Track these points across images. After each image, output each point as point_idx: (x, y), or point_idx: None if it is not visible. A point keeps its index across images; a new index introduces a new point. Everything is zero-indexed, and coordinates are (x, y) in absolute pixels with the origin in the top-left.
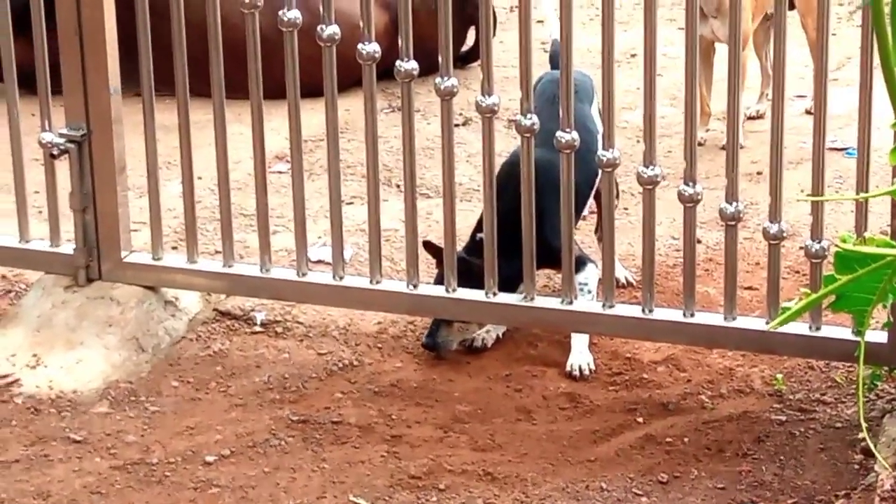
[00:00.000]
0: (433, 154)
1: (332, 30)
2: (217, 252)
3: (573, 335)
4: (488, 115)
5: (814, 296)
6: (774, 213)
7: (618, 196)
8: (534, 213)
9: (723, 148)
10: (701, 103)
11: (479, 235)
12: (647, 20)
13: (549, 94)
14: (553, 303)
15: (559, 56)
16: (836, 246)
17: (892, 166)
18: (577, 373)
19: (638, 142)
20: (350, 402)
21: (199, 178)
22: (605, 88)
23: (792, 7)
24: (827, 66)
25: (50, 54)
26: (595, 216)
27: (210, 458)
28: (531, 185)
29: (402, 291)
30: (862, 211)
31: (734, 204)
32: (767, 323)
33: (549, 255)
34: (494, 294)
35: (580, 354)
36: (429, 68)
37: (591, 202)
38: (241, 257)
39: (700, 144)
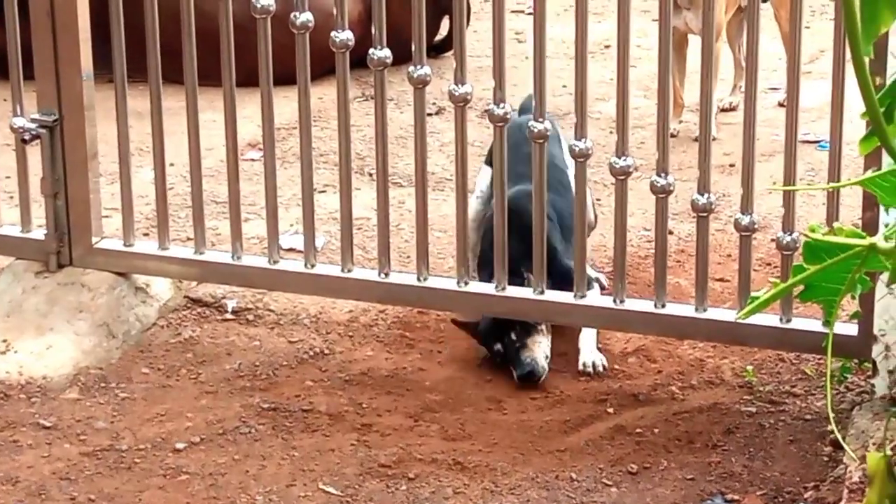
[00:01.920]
0: (406, 143)
1: (306, 17)
2: (189, 239)
3: (582, 334)
4: (461, 104)
5: (782, 285)
6: (746, 205)
7: (595, 222)
8: (544, 202)
9: (695, 139)
10: (674, 95)
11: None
12: (621, 11)
13: (515, 139)
14: (525, 293)
15: (529, 104)
16: (806, 236)
17: (862, 157)
18: (591, 370)
19: (611, 133)
20: (320, 390)
21: (172, 164)
22: (579, 79)
23: (765, 0)
24: (800, 59)
25: (22, 39)
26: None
27: (180, 445)
28: (503, 177)
29: (373, 280)
30: (833, 202)
31: (706, 195)
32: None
33: (564, 279)
34: (466, 283)
35: (591, 353)
36: (402, 57)
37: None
38: (213, 244)
39: (673, 136)
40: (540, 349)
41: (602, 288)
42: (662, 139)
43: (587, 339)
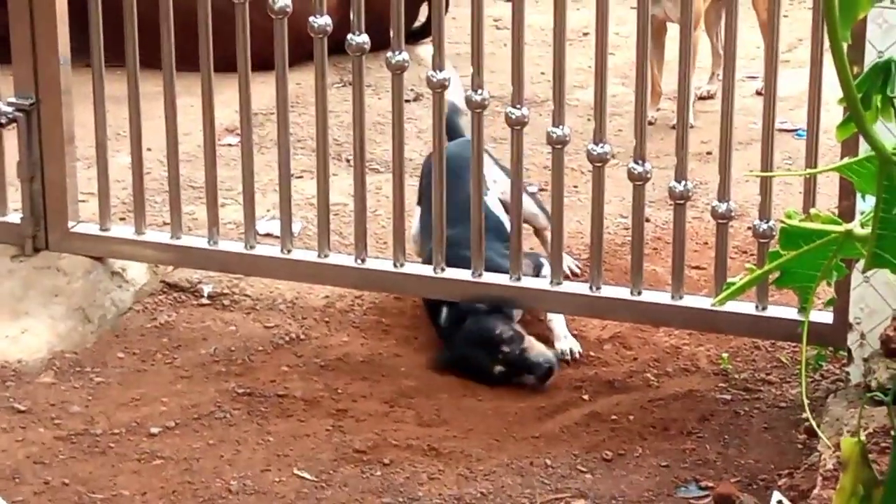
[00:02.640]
0: (383, 129)
1: (284, 2)
2: (165, 224)
3: (553, 321)
4: (439, 90)
5: (759, 271)
6: (723, 193)
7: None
8: (482, 191)
9: (673, 127)
10: (652, 83)
11: None
12: None
13: (452, 169)
14: (502, 279)
15: (455, 121)
16: (782, 222)
17: (839, 147)
18: (567, 356)
19: (588, 120)
20: (296, 375)
21: (149, 149)
22: (557, 66)
23: None
24: (778, 48)
25: None
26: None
27: (154, 430)
28: (480, 159)
29: (349, 266)
30: (810, 191)
31: (683, 183)
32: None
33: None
34: (443, 270)
35: (566, 339)
36: (381, 43)
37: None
38: (190, 229)
39: (650, 123)
40: (537, 343)
41: (574, 274)
42: (640, 127)
43: (559, 326)
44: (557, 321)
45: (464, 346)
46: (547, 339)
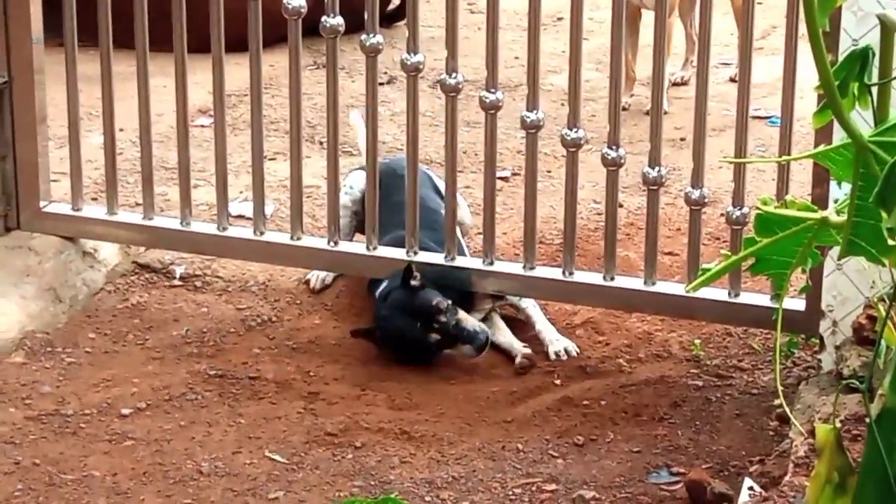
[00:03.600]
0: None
1: None
2: (137, 204)
3: (538, 325)
4: (413, 73)
5: (734, 257)
6: (696, 179)
7: (468, 225)
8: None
9: (647, 113)
10: (626, 68)
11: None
12: None
13: (387, 187)
14: (474, 263)
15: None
16: (757, 208)
17: (814, 131)
18: (564, 356)
19: (562, 105)
20: (268, 357)
21: (121, 129)
22: (531, 51)
23: None
24: (752, 35)
25: None
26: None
27: (125, 411)
28: (455, 147)
29: (322, 248)
30: (783, 178)
31: (657, 169)
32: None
33: None
34: (415, 253)
35: (558, 340)
36: (355, 26)
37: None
38: (162, 210)
39: (624, 109)
40: (471, 318)
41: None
42: (614, 112)
43: (546, 328)
44: (541, 322)
45: (399, 317)
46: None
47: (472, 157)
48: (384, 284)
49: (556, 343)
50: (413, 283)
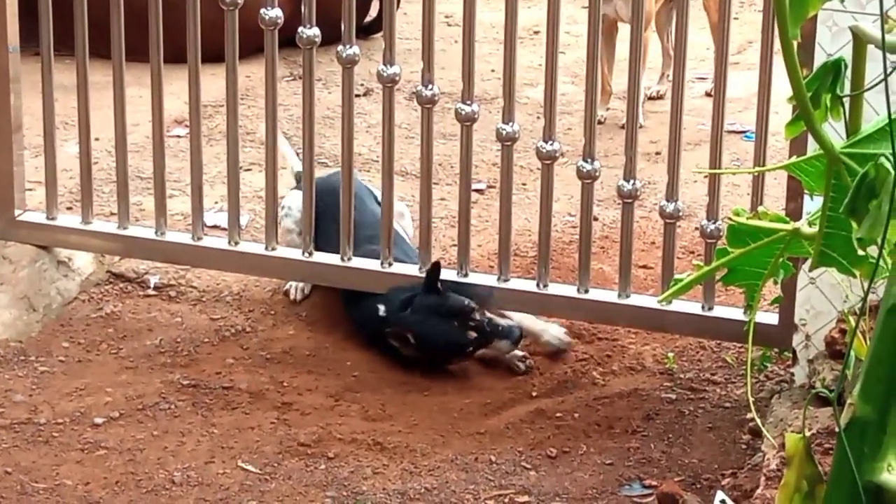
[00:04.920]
0: (333, 123)
1: None
2: (112, 214)
3: (527, 321)
4: (389, 84)
5: (706, 268)
6: (671, 193)
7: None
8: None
9: (622, 127)
10: (602, 82)
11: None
12: None
13: (328, 203)
14: (449, 275)
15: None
16: (730, 219)
17: (788, 145)
18: (565, 340)
19: (538, 118)
20: (241, 367)
21: (97, 139)
22: (507, 64)
23: None
24: (728, 49)
25: None
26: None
27: (99, 420)
28: (430, 159)
29: (296, 258)
30: (757, 192)
31: (632, 182)
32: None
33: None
34: (390, 265)
35: (551, 326)
36: (331, 37)
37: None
38: (137, 220)
39: (600, 122)
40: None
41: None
42: (589, 125)
43: (534, 321)
44: (524, 317)
45: (431, 319)
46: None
47: (448, 169)
48: (399, 293)
49: (551, 329)
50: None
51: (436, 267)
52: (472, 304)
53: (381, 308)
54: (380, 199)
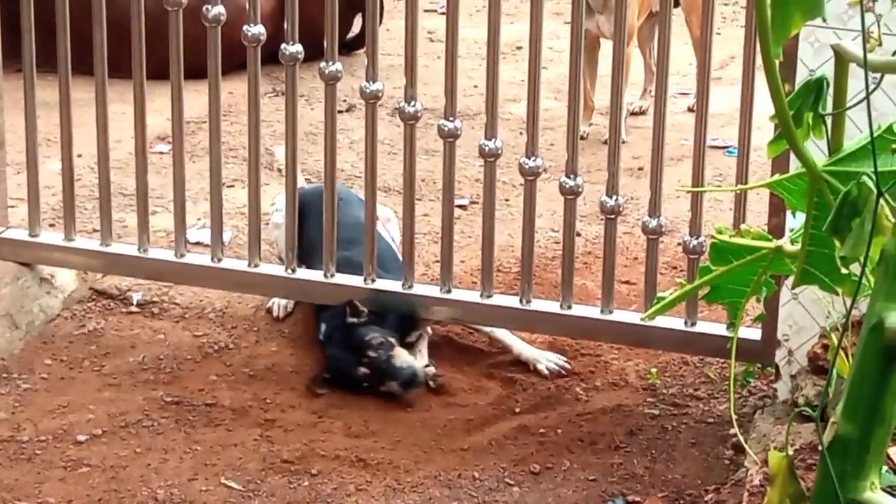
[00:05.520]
0: (316, 139)
1: (218, 10)
2: (95, 231)
3: (514, 349)
4: (372, 101)
5: (689, 286)
6: (654, 209)
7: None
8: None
9: (605, 142)
10: (584, 97)
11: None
12: (534, 13)
13: (315, 208)
14: (432, 291)
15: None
16: (712, 237)
17: (769, 165)
18: (556, 367)
19: (521, 134)
20: (224, 384)
21: (79, 155)
22: (490, 79)
23: (677, 5)
24: (710, 65)
25: None
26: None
27: (81, 437)
28: (413, 175)
29: (279, 275)
30: (740, 208)
31: (614, 198)
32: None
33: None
34: (373, 280)
35: (540, 355)
36: (314, 53)
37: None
38: (119, 237)
39: (582, 138)
40: (406, 355)
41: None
42: (572, 141)
43: (522, 346)
44: (519, 346)
45: (334, 351)
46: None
47: (431, 185)
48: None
49: (541, 358)
50: (353, 319)
51: (351, 302)
52: (374, 339)
53: (322, 326)
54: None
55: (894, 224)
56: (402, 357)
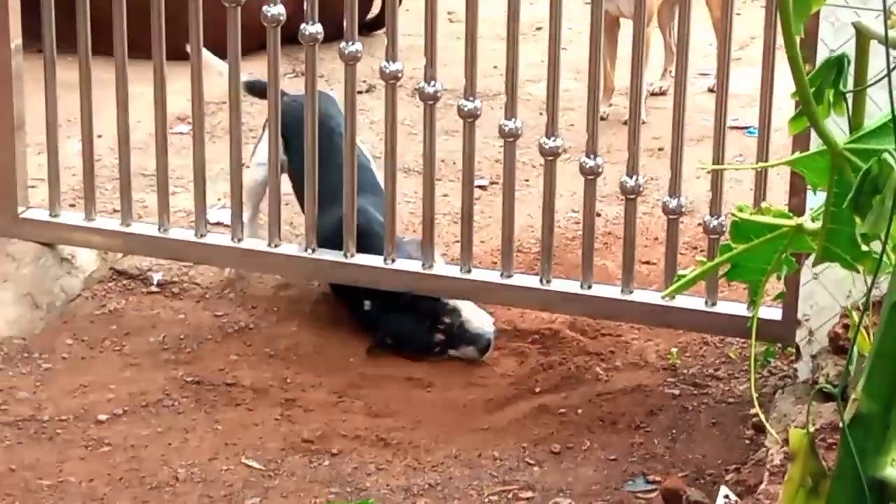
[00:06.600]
0: None
1: None
2: (115, 211)
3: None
4: (392, 81)
5: (710, 264)
6: (674, 189)
7: None
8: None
9: (625, 123)
10: (605, 78)
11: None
12: None
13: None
14: (452, 271)
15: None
16: (733, 215)
17: (791, 141)
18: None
19: (541, 114)
20: (245, 364)
21: (100, 136)
22: (510, 60)
23: None
24: (730, 45)
25: None
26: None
27: (102, 417)
28: (433, 155)
29: (300, 255)
30: (760, 187)
31: (634, 178)
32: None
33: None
34: (393, 261)
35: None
36: (334, 34)
37: None
38: (140, 217)
39: (602, 119)
40: (475, 319)
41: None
42: (592, 122)
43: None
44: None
45: (403, 319)
46: None
47: (451, 165)
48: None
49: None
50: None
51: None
52: (446, 306)
53: (366, 303)
54: (372, 165)
55: None
56: (472, 321)
